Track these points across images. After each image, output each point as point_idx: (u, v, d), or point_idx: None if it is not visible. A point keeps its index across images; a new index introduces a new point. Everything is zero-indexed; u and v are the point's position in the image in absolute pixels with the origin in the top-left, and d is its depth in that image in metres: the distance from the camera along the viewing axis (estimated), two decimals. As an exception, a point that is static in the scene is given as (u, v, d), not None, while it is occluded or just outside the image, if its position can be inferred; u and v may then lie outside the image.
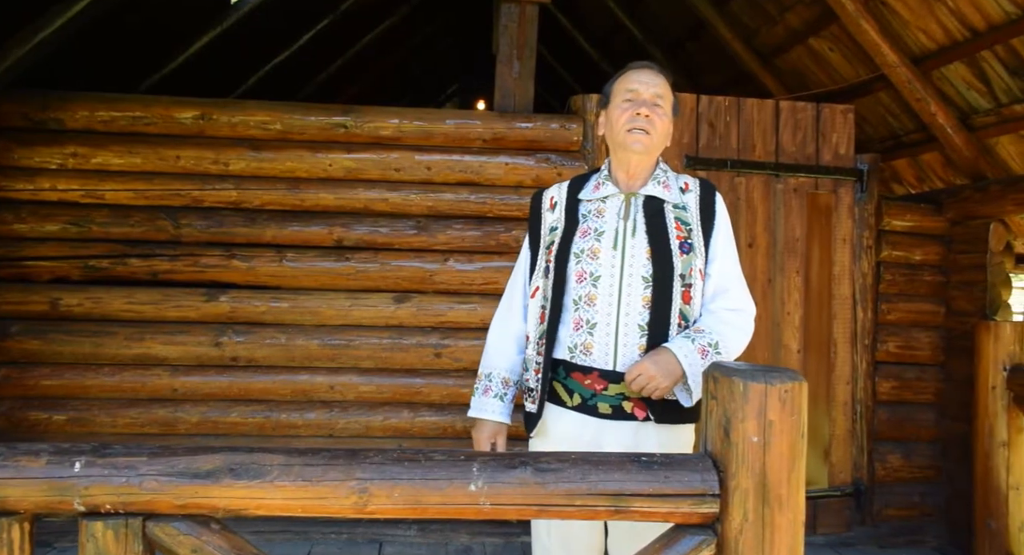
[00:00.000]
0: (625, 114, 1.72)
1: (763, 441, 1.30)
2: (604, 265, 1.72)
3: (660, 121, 1.72)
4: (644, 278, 1.70)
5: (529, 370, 1.81)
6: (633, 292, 1.70)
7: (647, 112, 1.70)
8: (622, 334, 1.70)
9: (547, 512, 1.31)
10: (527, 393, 1.82)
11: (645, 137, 1.70)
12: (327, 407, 3.29)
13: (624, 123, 1.72)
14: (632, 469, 1.34)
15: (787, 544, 1.31)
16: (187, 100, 3.20)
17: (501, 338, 1.87)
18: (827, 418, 3.54)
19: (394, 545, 3.28)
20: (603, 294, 1.71)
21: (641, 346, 1.69)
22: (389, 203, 3.28)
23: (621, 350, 1.70)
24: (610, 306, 1.70)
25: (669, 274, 1.70)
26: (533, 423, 1.79)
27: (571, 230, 1.78)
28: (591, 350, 1.71)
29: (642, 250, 1.71)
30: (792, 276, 3.51)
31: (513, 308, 1.88)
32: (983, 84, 3.29)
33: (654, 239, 1.71)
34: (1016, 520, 3.17)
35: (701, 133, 3.42)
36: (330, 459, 1.28)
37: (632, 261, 1.71)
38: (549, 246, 1.80)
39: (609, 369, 1.70)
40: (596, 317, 1.71)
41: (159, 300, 3.19)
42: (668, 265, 1.70)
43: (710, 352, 1.69)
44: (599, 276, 1.72)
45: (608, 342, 1.70)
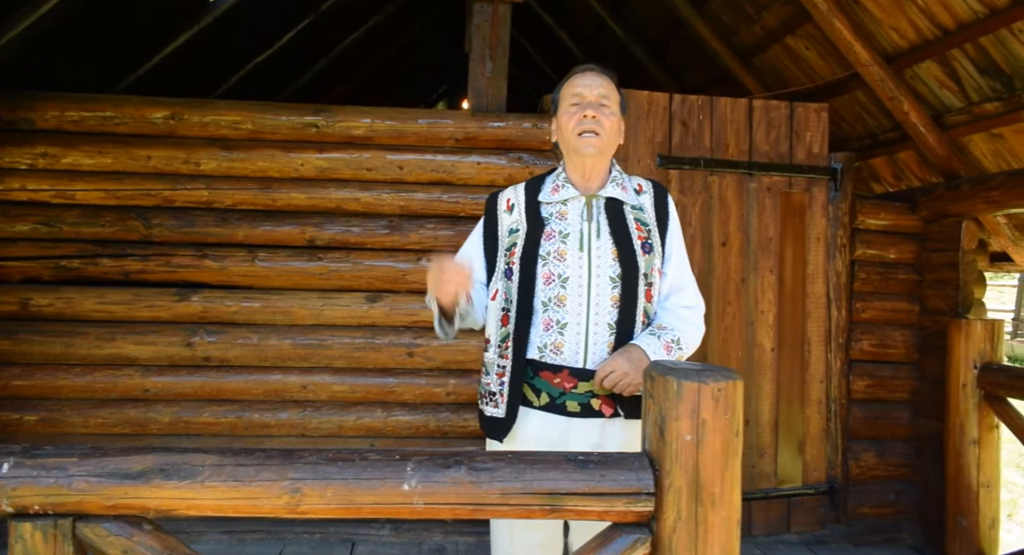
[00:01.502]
0: (573, 118, 1.75)
1: (696, 440, 1.31)
2: (572, 266, 1.74)
3: (608, 121, 1.74)
4: (612, 278, 1.74)
5: (490, 374, 1.81)
6: (601, 292, 1.74)
7: (593, 113, 1.73)
8: (592, 333, 1.72)
9: (482, 511, 1.32)
10: (487, 397, 1.81)
11: (596, 138, 1.73)
12: (300, 407, 3.29)
13: (573, 127, 1.75)
14: (568, 468, 1.35)
15: (720, 542, 1.31)
16: (158, 100, 3.19)
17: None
18: (801, 417, 3.54)
19: (367, 544, 3.28)
20: (572, 295, 1.74)
21: (610, 344, 1.73)
22: (361, 203, 3.28)
23: (591, 348, 1.73)
24: (580, 306, 1.73)
25: (634, 273, 1.74)
26: (501, 428, 1.78)
27: (536, 233, 1.78)
28: (561, 349, 1.73)
29: (608, 251, 1.75)
30: (766, 275, 3.51)
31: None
32: (954, 83, 3.30)
33: (618, 240, 1.75)
34: (987, 517, 3.18)
35: (674, 132, 3.42)
36: (264, 459, 1.29)
37: (599, 262, 1.75)
38: (510, 248, 1.80)
39: (579, 367, 1.72)
40: (567, 317, 1.73)
41: (130, 300, 3.19)
42: (633, 265, 1.74)
43: (674, 348, 1.76)
44: (567, 277, 1.74)
45: (579, 341, 1.73)
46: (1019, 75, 3.00)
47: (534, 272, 1.74)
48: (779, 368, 3.52)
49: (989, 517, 3.18)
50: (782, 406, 3.53)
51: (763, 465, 3.49)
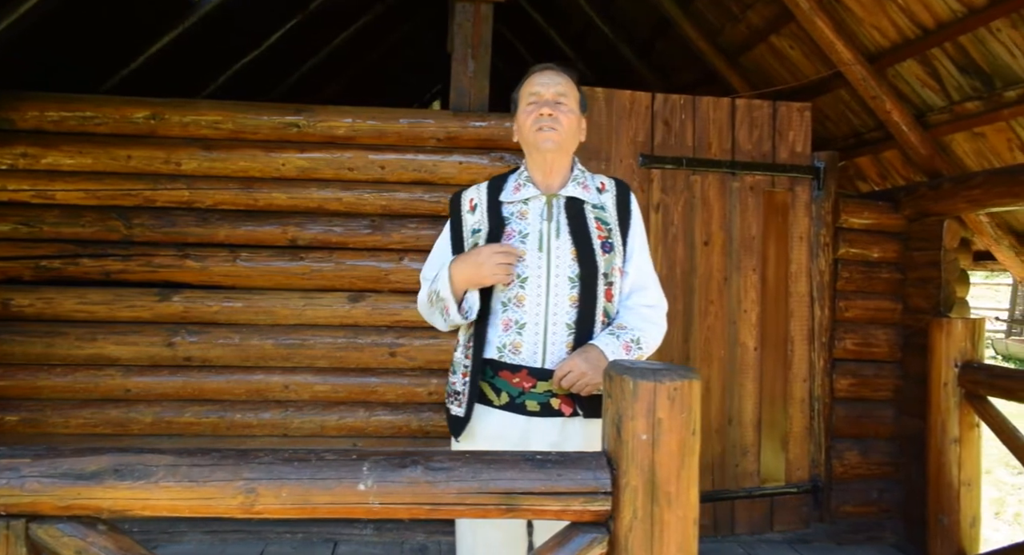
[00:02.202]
0: (531, 116, 1.76)
1: (652, 439, 1.31)
2: (531, 266, 1.74)
3: (565, 118, 1.74)
4: (570, 278, 1.74)
5: (456, 373, 1.82)
6: (560, 292, 1.73)
7: (550, 111, 1.74)
8: (550, 333, 1.72)
9: (438, 511, 1.32)
10: (452, 396, 1.82)
11: (553, 134, 1.73)
12: (282, 407, 3.29)
13: (531, 124, 1.76)
14: (525, 467, 1.35)
15: (676, 541, 1.31)
16: (138, 100, 3.19)
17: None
18: (784, 415, 3.55)
19: (349, 544, 3.28)
20: (531, 295, 1.74)
21: (569, 344, 1.73)
22: (343, 202, 3.27)
23: (550, 348, 1.73)
24: (538, 306, 1.73)
25: (593, 273, 1.74)
26: (460, 427, 1.79)
27: (496, 233, 1.79)
28: (520, 349, 1.73)
29: (567, 251, 1.75)
30: (748, 274, 3.52)
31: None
32: (936, 82, 3.30)
33: (578, 240, 1.75)
34: (967, 516, 3.18)
35: (656, 131, 3.42)
36: (219, 459, 1.29)
37: (558, 262, 1.74)
38: (472, 248, 1.80)
39: (538, 366, 1.73)
40: (525, 317, 1.73)
41: (111, 300, 3.18)
42: (592, 265, 1.74)
43: (633, 347, 1.75)
44: (526, 277, 1.74)
45: (537, 341, 1.73)
46: (998, 74, 3.00)
47: None
48: (762, 367, 3.53)
49: (970, 515, 3.19)
50: (765, 405, 3.53)
51: (746, 464, 3.50)
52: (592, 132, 3.35)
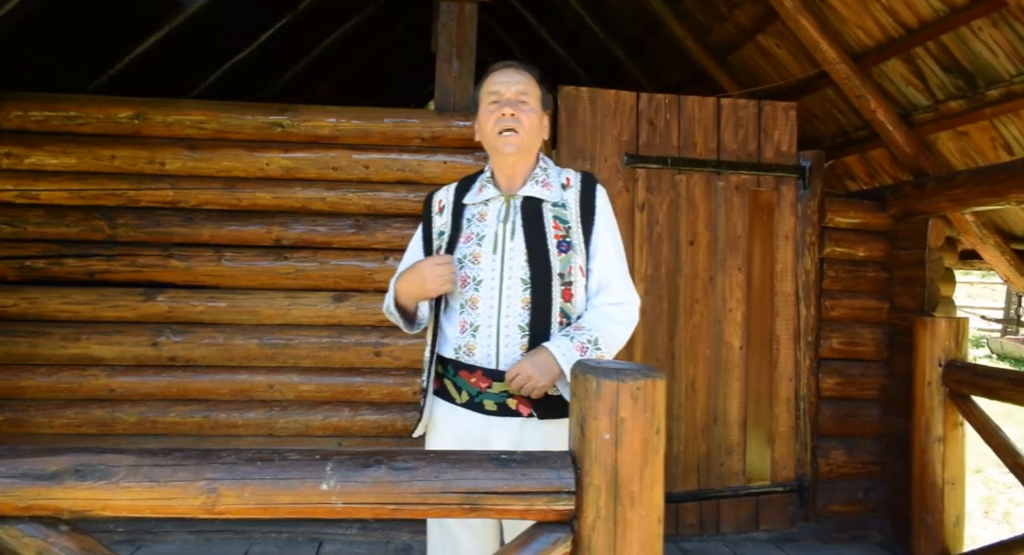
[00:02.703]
0: (492, 117, 1.73)
1: (615, 438, 1.31)
2: (485, 269, 1.74)
3: (527, 118, 1.73)
4: (523, 280, 1.73)
5: (424, 372, 1.83)
6: (512, 294, 1.73)
7: (512, 111, 1.72)
8: (503, 335, 1.72)
9: (401, 511, 1.32)
10: (422, 393, 1.83)
11: (515, 136, 1.72)
12: (267, 406, 3.29)
13: (492, 126, 1.73)
14: (489, 467, 1.35)
15: (639, 540, 1.32)
16: (122, 99, 3.19)
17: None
18: (770, 415, 3.55)
19: (334, 544, 3.28)
20: (484, 297, 1.74)
21: (523, 346, 1.72)
22: (327, 202, 3.28)
23: (503, 350, 1.72)
24: (491, 308, 1.73)
25: (547, 275, 1.72)
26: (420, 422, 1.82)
27: (455, 236, 1.80)
28: (473, 351, 1.73)
29: (520, 252, 1.74)
30: (734, 273, 3.52)
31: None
32: (920, 81, 3.30)
33: (531, 240, 1.74)
34: (951, 515, 3.19)
35: (641, 131, 3.42)
36: (181, 460, 1.29)
37: (511, 264, 1.74)
38: (437, 251, 1.82)
39: (492, 368, 1.72)
40: (479, 320, 1.73)
41: (95, 300, 3.18)
42: (545, 266, 1.72)
43: (589, 348, 1.71)
44: (481, 280, 1.74)
45: (490, 343, 1.73)
46: (981, 73, 3.00)
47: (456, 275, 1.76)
48: (747, 366, 3.53)
49: (954, 514, 3.19)
50: (751, 404, 3.53)
51: (732, 463, 3.50)
52: (577, 131, 3.36)
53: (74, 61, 4.04)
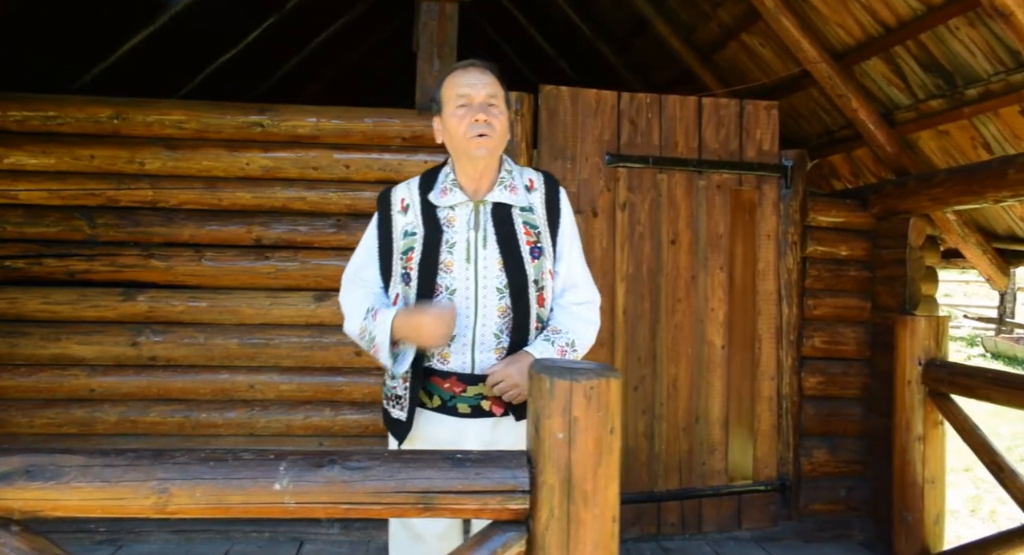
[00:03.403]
0: (463, 122, 1.70)
1: (568, 437, 1.31)
2: (459, 278, 1.72)
3: (498, 121, 1.72)
4: (498, 289, 1.72)
5: (396, 378, 1.80)
6: (488, 303, 1.72)
7: (484, 117, 1.69)
8: (479, 343, 1.72)
9: (355, 510, 1.32)
10: (394, 400, 1.81)
11: (488, 141, 1.70)
12: (248, 406, 3.29)
13: (464, 131, 1.70)
14: (444, 466, 1.35)
15: (593, 539, 1.32)
16: (101, 99, 3.19)
17: (366, 296, 1.80)
18: (752, 414, 3.55)
19: (315, 543, 3.28)
20: (460, 307, 1.72)
21: (498, 351, 1.73)
22: (308, 202, 3.27)
23: (478, 357, 1.72)
24: (467, 319, 1.72)
25: (523, 283, 1.72)
26: (403, 431, 1.78)
27: (434, 240, 1.73)
28: (448, 359, 1.73)
29: (494, 261, 1.72)
30: (716, 273, 3.52)
31: (373, 289, 1.83)
32: (901, 80, 3.30)
33: (505, 249, 1.72)
34: (931, 513, 3.19)
35: (623, 130, 3.42)
36: (134, 460, 1.29)
37: (485, 273, 1.72)
38: (407, 252, 1.75)
39: (467, 373, 1.72)
40: (455, 330, 1.71)
41: (75, 300, 3.18)
42: (521, 274, 1.72)
43: (568, 351, 1.74)
44: (454, 289, 1.72)
45: (465, 351, 1.72)
46: (959, 72, 3.00)
47: (434, 282, 1.71)
48: (729, 365, 3.53)
49: (934, 513, 3.19)
50: (733, 403, 3.53)
51: (713, 462, 3.50)
52: (558, 131, 3.36)
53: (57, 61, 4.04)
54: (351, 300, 1.81)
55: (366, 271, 1.83)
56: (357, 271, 1.84)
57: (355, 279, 1.84)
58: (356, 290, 1.82)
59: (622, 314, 3.40)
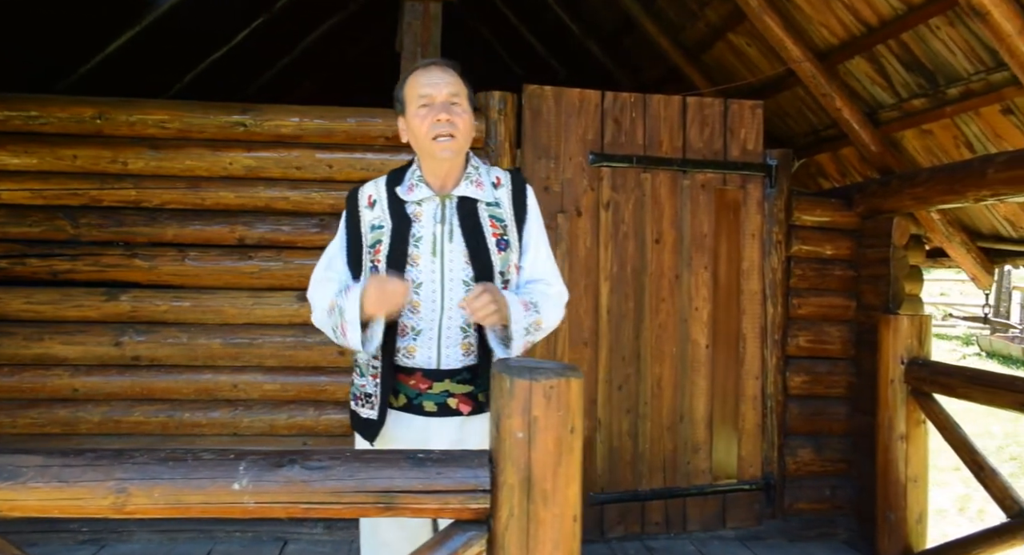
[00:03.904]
0: (426, 122, 1.70)
1: (528, 437, 1.31)
2: (424, 271, 1.72)
3: (462, 120, 1.72)
4: (465, 281, 1.72)
5: (365, 375, 1.80)
6: (455, 297, 1.72)
7: (447, 116, 1.69)
8: (444, 337, 1.72)
9: (315, 510, 1.32)
10: (363, 399, 1.81)
11: (452, 142, 1.70)
12: (231, 406, 3.29)
13: (427, 131, 1.70)
14: (404, 466, 1.35)
15: (552, 538, 1.32)
16: (84, 99, 3.19)
17: (336, 285, 1.77)
18: (736, 413, 3.56)
19: (299, 543, 3.28)
20: (425, 301, 1.72)
21: (464, 346, 1.73)
22: (291, 201, 3.27)
23: (444, 352, 1.72)
24: (433, 312, 1.72)
25: (489, 275, 1.73)
26: (374, 429, 1.78)
27: (403, 230, 1.75)
28: (413, 354, 1.73)
29: (460, 254, 1.73)
30: (700, 272, 3.52)
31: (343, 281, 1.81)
32: (884, 79, 3.31)
33: (471, 242, 1.73)
34: (914, 512, 3.20)
35: (606, 129, 3.42)
36: (93, 460, 1.29)
37: (452, 265, 1.73)
38: (375, 245, 1.77)
39: (432, 368, 1.72)
40: (420, 324, 1.72)
41: (58, 300, 3.18)
42: (487, 266, 1.73)
43: (531, 308, 1.71)
44: (420, 283, 1.72)
45: (431, 346, 1.72)
46: (941, 72, 3.01)
47: (402, 273, 1.72)
48: (714, 364, 3.53)
49: (916, 512, 3.19)
50: (717, 402, 3.54)
51: (698, 461, 3.51)
52: (541, 130, 3.36)
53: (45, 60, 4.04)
54: (319, 291, 1.80)
55: (336, 263, 1.82)
56: (326, 268, 1.84)
57: (324, 274, 1.83)
58: (325, 284, 1.80)
59: (606, 313, 3.40)
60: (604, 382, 3.40)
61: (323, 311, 1.76)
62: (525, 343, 1.66)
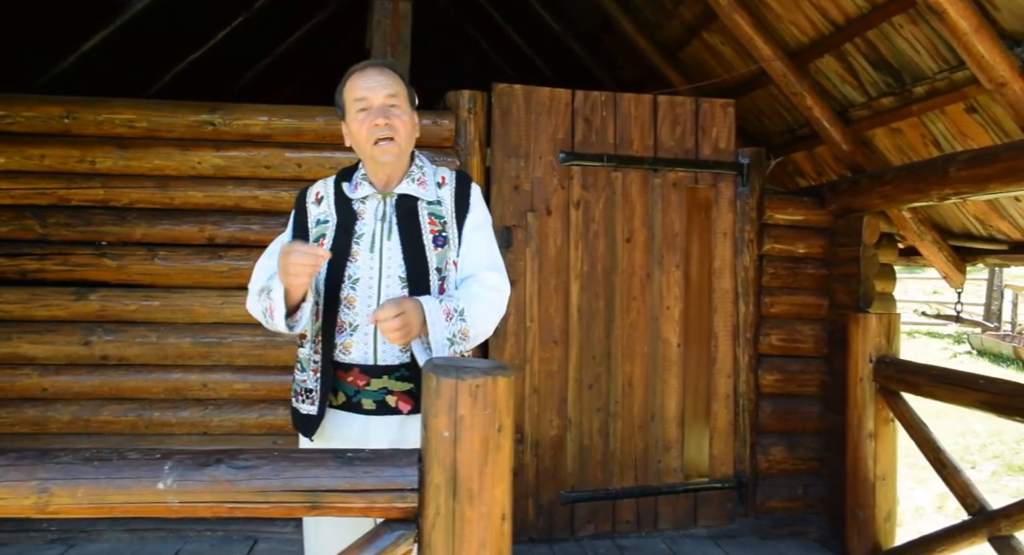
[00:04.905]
0: (364, 126, 1.70)
1: (454, 436, 1.32)
2: (362, 267, 1.73)
3: (400, 122, 1.72)
4: (401, 278, 1.72)
5: (306, 370, 1.80)
6: (391, 293, 1.72)
7: (385, 120, 1.69)
8: (380, 333, 1.70)
9: (240, 509, 1.32)
10: (304, 394, 1.80)
11: (392, 145, 1.71)
12: (201, 405, 3.29)
13: (367, 136, 1.70)
14: (332, 465, 1.35)
15: (479, 538, 1.32)
16: (51, 98, 3.18)
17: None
18: (708, 411, 3.56)
19: (269, 542, 3.28)
20: (361, 296, 1.72)
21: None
22: (260, 200, 3.27)
23: (380, 347, 1.72)
24: (368, 307, 1.71)
25: (424, 271, 1.73)
26: (315, 425, 1.77)
27: (347, 225, 1.76)
28: (350, 349, 1.73)
29: (397, 251, 1.74)
30: (671, 270, 3.52)
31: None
32: (853, 77, 3.31)
33: (407, 238, 1.74)
34: (883, 510, 3.21)
35: (577, 128, 3.42)
36: (15, 460, 1.29)
37: (389, 262, 1.73)
38: (318, 239, 1.78)
39: (370, 364, 1.71)
40: (357, 319, 1.72)
41: (27, 299, 3.17)
42: (422, 262, 1.73)
43: (455, 316, 1.67)
44: (357, 278, 1.73)
45: (367, 341, 1.72)
46: (906, 70, 3.01)
47: (342, 271, 1.73)
48: (685, 363, 3.54)
49: (885, 509, 3.21)
50: (689, 401, 3.54)
51: (669, 460, 3.51)
52: (511, 130, 3.36)
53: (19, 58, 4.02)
54: (255, 277, 1.79)
55: (277, 255, 1.80)
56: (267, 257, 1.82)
57: (264, 263, 1.81)
58: (261, 271, 1.79)
59: (576, 312, 3.40)
60: (575, 381, 3.40)
61: (254, 294, 1.76)
62: (452, 353, 1.64)
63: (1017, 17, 2.35)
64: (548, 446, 3.37)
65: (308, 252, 1.56)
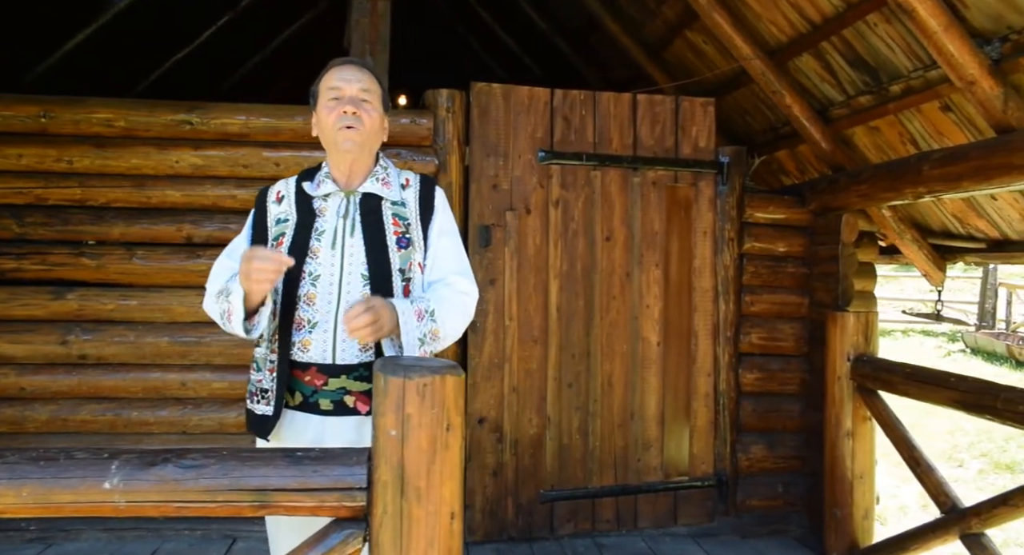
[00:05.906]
0: (332, 114, 1.71)
1: (401, 435, 1.32)
2: (324, 264, 1.72)
3: (368, 116, 1.72)
4: (363, 276, 1.72)
5: (262, 370, 1.79)
6: (352, 290, 1.71)
7: (353, 109, 1.70)
8: (340, 330, 1.70)
9: (188, 509, 1.32)
10: (259, 395, 1.79)
11: (355, 133, 1.71)
12: (180, 404, 3.29)
13: (332, 123, 1.71)
14: (280, 464, 1.35)
15: (427, 536, 1.32)
16: (28, 97, 3.18)
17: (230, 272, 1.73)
18: (688, 410, 3.56)
19: (247, 540, 3.28)
20: (322, 293, 1.71)
21: (361, 339, 1.70)
22: (238, 200, 3.27)
23: (340, 346, 1.71)
24: (329, 304, 1.71)
25: (386, 271, 1.72)
26: (270, 426, 1.77)
27: (307, 224, 1.75)
28: (308, 347, 1.71)
29: (359, 248, 1.73)
30: (651, 269, 3.52)
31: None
32: (831, 76, 3.31)
33: (370, 236, 1.73)
34: (860, 508, 3.21)
35: (556, 127, 3.42)
36: (-39, 459, 1.29)
37: (351, 259, 1.73)
38: (278, 238, 1.77)
39: (328, 363, 1.71)
40: (316, 316, 1.71)
41: (5, 299, 3.17)
42: (384, 261, 1.72)
43: (426, 317, 1.68)
44: (318, 275, 1.72)
45: (327, 339, 1.71)
46: (882, 68, 3.01)
47: (301, 266, 1.72)
48: (665, 362, 3.54)
49: (863, 507, 3.21)
50: (669, 400, 3.54)
51: (649, 458, 3.51)
52: (490, 128, 3.36)
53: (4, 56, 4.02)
54: (213, 278, 1.78)
55: (235, 254, 1.78)
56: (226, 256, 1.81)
57: (223, 263, 1.80)
58: (221, 272, 1.78)
59: (556, 311, 3.40)
60: (554, 380, 3.40)
61: (212, 295, 1.75)
62: (422, 353, 1.65)
63: (987, 15, 2.35)
64: (528, 445, 3.37)
65: (271, 258, 1.55)
